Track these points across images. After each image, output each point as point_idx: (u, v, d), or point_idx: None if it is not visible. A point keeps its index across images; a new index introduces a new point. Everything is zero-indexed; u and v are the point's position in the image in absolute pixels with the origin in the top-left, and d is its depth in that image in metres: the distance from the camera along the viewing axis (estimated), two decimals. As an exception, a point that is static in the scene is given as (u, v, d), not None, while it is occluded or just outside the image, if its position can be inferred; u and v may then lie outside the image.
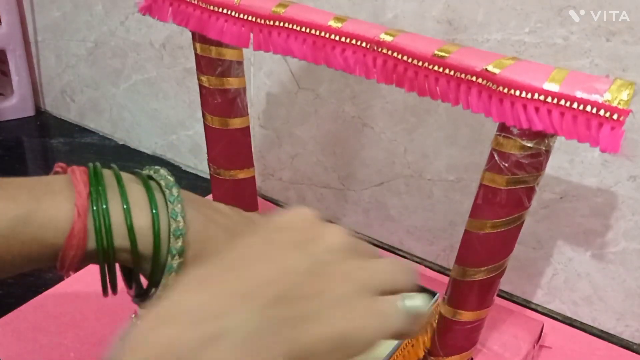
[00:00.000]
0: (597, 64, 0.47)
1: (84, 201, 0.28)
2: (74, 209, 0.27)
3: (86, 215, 0.27)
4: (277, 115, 0.68)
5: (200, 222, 0.31)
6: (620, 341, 0.54)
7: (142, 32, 0.77)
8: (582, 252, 0.53)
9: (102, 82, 0.87)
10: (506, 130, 0.34)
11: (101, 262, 0.28)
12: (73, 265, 0.28)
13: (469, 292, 0.40)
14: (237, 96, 0.49)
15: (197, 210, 0.31)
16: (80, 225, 0.27)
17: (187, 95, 0.77)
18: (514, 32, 0.49)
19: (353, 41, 0.36)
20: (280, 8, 0.39)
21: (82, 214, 0.27)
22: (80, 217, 0.27)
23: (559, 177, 0.52)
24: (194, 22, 0.43)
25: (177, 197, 0.30)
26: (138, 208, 0.29)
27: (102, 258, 0.28)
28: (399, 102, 0.58)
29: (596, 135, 0.30)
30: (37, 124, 0.95)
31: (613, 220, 0.51)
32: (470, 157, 0.56)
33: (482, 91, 0.33)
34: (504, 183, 0.35)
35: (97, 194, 0.28)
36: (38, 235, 0.27)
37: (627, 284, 0.52)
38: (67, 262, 0.28)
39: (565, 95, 0.30)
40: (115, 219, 0.28)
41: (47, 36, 0.91)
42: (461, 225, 0.39)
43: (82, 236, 0.27)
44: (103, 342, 0.49)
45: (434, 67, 0.34)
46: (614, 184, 0.50)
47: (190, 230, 0.30)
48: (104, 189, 0.28)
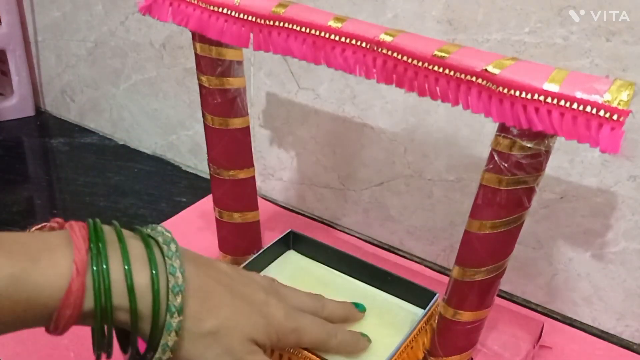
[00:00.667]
0: (597, 64, 0.47)
1: (83, 257, 0.26)
2: (73, 265, 0.26)
3: (85, 272, 0.26)
4: (277, 115, 0.68)
5: (199, 278, 0.30)
6: (620, 341, 0.54)
7: (142, 32, 0.77)
8: (582, 252, 0.53)
9: (102, 82, 0.87)
10: (506, 130, 0.34)
11: (98, 322, 0.27)
12: (68, 325, 0.27)
13: (469, 292, 0.40)
14: (237, 96, 0.49)
15: (196, 266, 0.31)
16: (79, 283, 0.26)
17: (187, 95, 0.77)
18: (514, 32, 0.49)
19: (353, 41, 0.36)
20: (280, 8, 0.39)
21: (80, 271, 0.26)
22: (79, 274, 0.26)
23: (559, 177, 0.52)
24: (194, 22, 0.43)
25: (175, 252, 0.29)
26: (138, 266, 0.28)
27: (100, 317, 0.27)
28: (399, 102, 0.58)
29: (596, 135, 0.30)
30: (37, 124, 0.95)
31: (613, 220, 0.51)
32: (470, 158, 0.56)
33: (482, 91, 0.33)
34: (504, 183, 0.35)
35: (97, 250, 0.27)
36: (33, 295, 0.25)
37: (627, 284, 0.52)
38: (62, 321, 0.26)
39: (565, 96, 0.30)
40: (115, 277, 0.27)
41: (47, 36, 0.91)
42: (461, 226, 0.39)
43: (80, 294, 0.26)
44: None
45: (434, 67, 0.34)
46: (614, 184, 0.50)
47: (189, 285, 0.29)
48: (104, 246, 0.27)
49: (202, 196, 0.72)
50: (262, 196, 0.74)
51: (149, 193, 0.76)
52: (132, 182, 0.78)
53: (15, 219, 0.69)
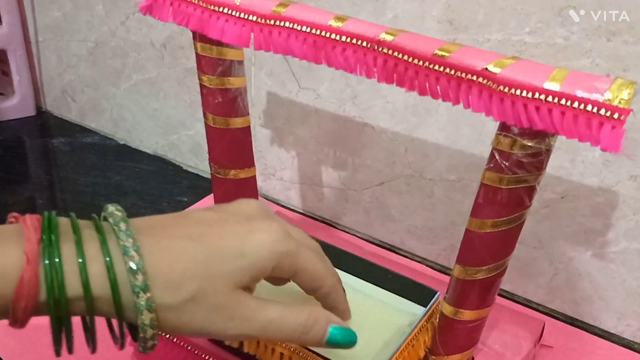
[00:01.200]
0: (597, 63, 0.47)
1: (34, 247, 0.26)
2: (23, 256, 0.25)
3: (37, 262, 0.26)
4: (278, 115, 0.68)
5: (159, 246, 0.29)
6: (621, 340, 0.54)
7: (143, 32, 0.77)
8: (583, 252, 0.53)
9: (103, 82, 0.87)
10: (507, 129, 0.34)
11: (52, 313, 0.26)
12: (26, 317, 0.26)
13: (470, 291, 0.40)
14: (237, 96, 0.49)
15: (154, 235, 0.29)
16: (30, 273, 0.25)
17: (187, 95, 0.77)
18: (515, 32, 0.49)
19: (353, 41, 0.36)
20: (281, 7, 0.39)
21: (32, 261, 0.25)
22: (30, 264, 0.25)
23: (560, 176, 0.52)
24: (195, 21, 0.43)
25: (125, 231, 0.28)
26: (92, 255, 0.27)
27: (54, 309, 0.26)
28: (399, 102, 0.58)
29: (597, 134, 0.30)
30: (38, 124, 0.95)
31: (614, 220, 0.51)
32: (471, 157, 0.56)
33: (482, 90, 0.33)
34: (504, 182, 0.35)
35: (49, 241, 0.26)
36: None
37: (628, 283, 0.52)
38: (18, 313, 0.26)
39: (566, 95, 0.30)
40: (69, 268, 0.26)
41: (47, 36, 0.91)
42: (462, 225, 0.39)
43: (32, 285, 0.25)
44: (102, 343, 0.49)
45: (435, 66, 0.34)
46: (615, 183, 0.50)
47: (149, 259, 0.28)
48: (57, 237, 0.27)
49: (203, 196, 0.72)
50: (262, 196, 0.74)
51: (150, 193, 0.76)
52: (133, 182, 0.78)
53: (16, 219, 0.69)
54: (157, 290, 0.28)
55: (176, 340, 0.46)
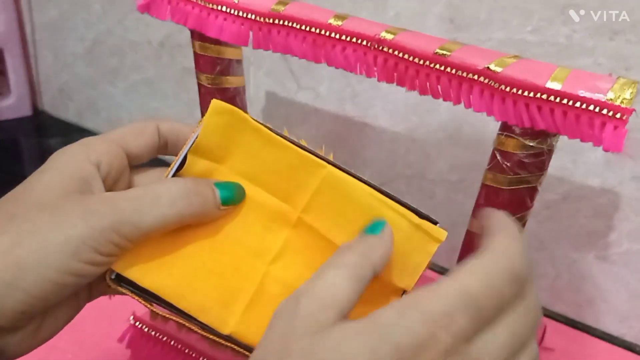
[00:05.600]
0: (600, 63, 0.46)
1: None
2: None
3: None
4: (277, 115, 0.68)
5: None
6: (624, 343, 0.54)
7: (141, 30, 0.77)
8: (585, 254, 0.53)
9: (100, 82, 0.86)
10: (508, 129, 0.33)
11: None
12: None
13: (471, 293, 0.39)
14: (236, 95, 0.48)
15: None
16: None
17: (186, 94, 0.77)
18: (517, 30, 0.49)
19: (353, 39, 0.36)
20: (280, 6, 0.39)
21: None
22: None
23: (562, 177, 0.51)
24: (193, 20, 0.43)
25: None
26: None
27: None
28: (400, 102, 0.58)
29: (599, 134, 0.30)
30: (34, 123, 0.94)
31: (616, 221, 0.50)
32: (473, 157, 0.56)
33: (484, 90, 0.32)
34: (506, 183, 0.35)
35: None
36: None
37: (630, 285, 0.52)
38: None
39: (568, 94, 0.30)
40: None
41: (44, 35, 0.90)
42: (463, 226, 0.39)
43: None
44: (100, 345, 0.48)
45: (436, 65, 0.33)
46: (617, 184, 0.49)
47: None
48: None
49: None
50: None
51: (148, 193, 0.75)
52: (130, 182, 0.78)
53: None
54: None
55: (172, 343, 0.45)
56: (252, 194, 0.31)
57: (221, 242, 0.30)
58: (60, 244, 0.25)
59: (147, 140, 0.32)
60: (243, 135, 0.32)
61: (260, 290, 0.29)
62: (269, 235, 0.31)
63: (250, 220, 0.31)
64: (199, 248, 0.30)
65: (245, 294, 0.29)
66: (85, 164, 0.29)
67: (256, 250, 0.30)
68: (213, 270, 0.29)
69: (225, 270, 0.30)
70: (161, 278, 0.28)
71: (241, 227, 0.31)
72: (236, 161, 0.32)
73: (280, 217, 0.31)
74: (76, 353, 0.48)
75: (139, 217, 0.27)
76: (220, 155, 0.32)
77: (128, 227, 0.27)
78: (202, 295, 0.29)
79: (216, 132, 0.31)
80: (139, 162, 0.33)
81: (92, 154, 0.29)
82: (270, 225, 0.31)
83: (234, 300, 0.29)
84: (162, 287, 0.28)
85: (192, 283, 0.29)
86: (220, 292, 0.29)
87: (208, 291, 0.29)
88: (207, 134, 0.31)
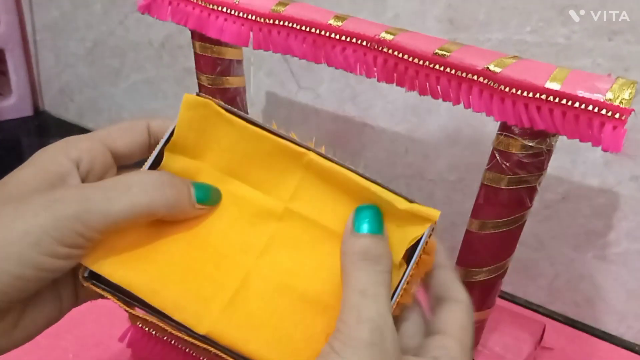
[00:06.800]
0: (599, 63, 0.46)
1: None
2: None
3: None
4: (277, 115, 0.68)
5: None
6: (622, 342, 0.54)
7: (141, 31, 0.77)
8: (584, 253, 0.53)
9: (101, 82, 0.87)
10: (508, 129, 0.33)
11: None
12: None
13: (471, 292, 0.39)
14: (236, 95, 0.48)
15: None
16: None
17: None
18: (516, 31, 0.49)
19: (353, 40, 0.36)
20: (280, 6, 0.39)
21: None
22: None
23: (561, 177, 0.52)
24: (194, 20, 0.43)
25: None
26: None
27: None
28: (399, 102, 0.58)
29: (598, 134, 0.30)
30: (35, 124, 0.95)
31: (615, 221, 0.50)
32: (472, 157, 0.56)
33: (483, 90, 0.33)
34: (505, 183, 0.35)
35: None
36: None
37: (629, 285, 0.52)
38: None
39: (567, 94, 0.30)
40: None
41: (45, 36, 0.90)
42: (462, 226, 0.39)
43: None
44: (101, 344, 0.48)
45: (435, 66, 0.33)
46: (616, 184, 0.49)
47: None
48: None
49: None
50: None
51: (148, 193, 0.75)
52: (131, 182, 0.78)
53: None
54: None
55: (173, 342, 0.45)
56: (235, 189, 0.30)
57: (202, 238, 0.29)
58: (20, 234, 0.24)
59: (136, 138, 0.31)
60: (219, 128, 0.31)
61: (244, 287, 0.28)
62: (254, 231, 0.29)
63: (233, 216, 0.30)
64: (176, 244, 0.28)
65: (226, 292, 0.27)
66: (62, 160, 0.28)
67: (241, 247, 0.29)
68: (191, 267, 0.28)
69: (204, 267, 0.28)
70: (134, 273, 0.27)
71: (224, 223, 0.30)
72: (215, 156, 0.31)
73: (264, 211, 0.30)
74: (77, 352, 0.48)
75: (108, 205, 0.25)
76: (198, 151, 0.31)
77: (95, 215, 0.25)
78: (177, 292, 0.27)
79: (191, 127, 0.30)
80: (129, 161, 0.32)
81: (73, 151, 0.29)
82: (254, 221, 0.30)
83: (213, 297, 0.27)
84: (134, 283, 0.26)
85: (167, 279, 0.27)
86: (197, 290, 0.27)
87: (184, 288, 0.27)
88: (183, 130, 0.30)
